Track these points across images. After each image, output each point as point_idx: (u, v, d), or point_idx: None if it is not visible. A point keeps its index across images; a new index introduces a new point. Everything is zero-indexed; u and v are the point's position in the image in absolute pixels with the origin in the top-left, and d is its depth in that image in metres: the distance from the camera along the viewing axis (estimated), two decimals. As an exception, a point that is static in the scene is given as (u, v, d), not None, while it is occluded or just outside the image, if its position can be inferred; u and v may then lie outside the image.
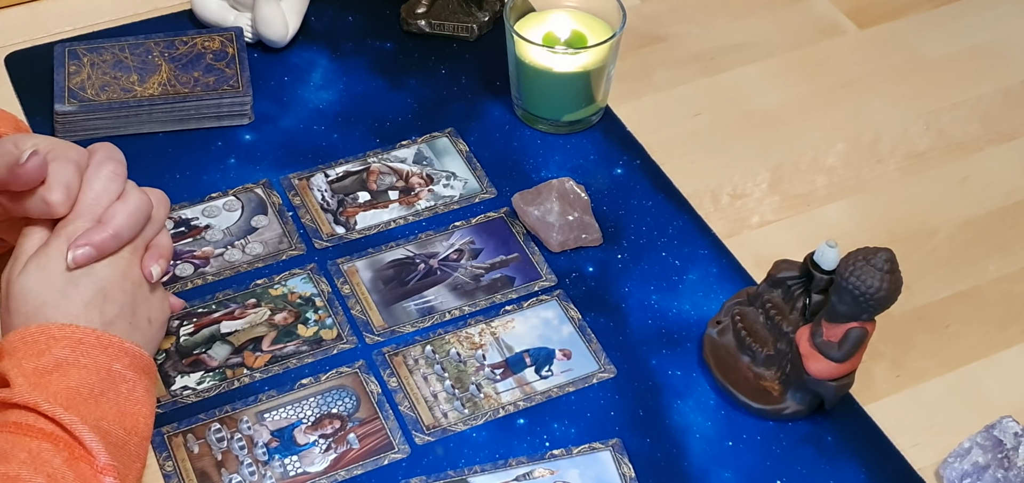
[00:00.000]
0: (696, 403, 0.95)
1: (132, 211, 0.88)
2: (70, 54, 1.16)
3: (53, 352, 0.82)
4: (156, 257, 0.90)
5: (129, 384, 0.84)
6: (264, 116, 1.16)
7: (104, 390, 0.83)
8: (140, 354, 0.86)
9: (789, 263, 0.97)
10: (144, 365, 0.86)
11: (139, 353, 0.86)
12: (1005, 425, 0.91)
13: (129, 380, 0.85)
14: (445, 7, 1.25)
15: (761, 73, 1.24)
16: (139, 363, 0.86)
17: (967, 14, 1.31)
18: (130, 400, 0.84)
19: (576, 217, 1.05)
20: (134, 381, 0.85)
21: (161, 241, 0.91)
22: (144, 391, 0.86)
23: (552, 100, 1.14)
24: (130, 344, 0.86)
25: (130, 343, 0.86)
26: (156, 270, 0.89)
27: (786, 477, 0.91)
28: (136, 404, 0.85)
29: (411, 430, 0.92)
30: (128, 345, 0.85)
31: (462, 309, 1.00)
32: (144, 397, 0.85)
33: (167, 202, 0.93)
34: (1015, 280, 1.06)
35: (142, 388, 0.85)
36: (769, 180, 1.13)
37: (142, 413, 0.85)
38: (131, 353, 0.85)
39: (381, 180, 1.10)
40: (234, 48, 1.18)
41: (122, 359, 0.85)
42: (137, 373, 0.85)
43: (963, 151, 1.17)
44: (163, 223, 0.92)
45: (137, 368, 0.86)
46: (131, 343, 0.86)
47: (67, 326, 0.83)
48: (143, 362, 0.86)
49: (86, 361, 0.83)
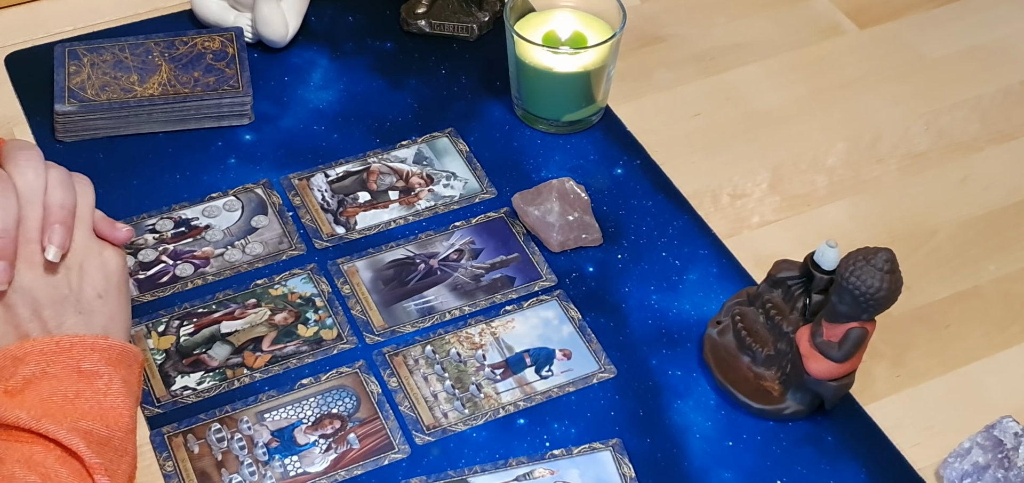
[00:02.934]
0: (696, 403, 0.95)
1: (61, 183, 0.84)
2: (70, 54, 1.16)
3: (20, 372, 0.80)
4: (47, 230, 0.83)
5: (104, 379, 0.82)
6: (264, 116, 1.16)
7: (79, 391, 0.80)
8: (107, 346, 0.83)
9: (789, 263, 0.97)
10: (116, 355, 0.83)
11: (105, 344, 0.83)
12: (1005, 425, 0.91)
13: (103, 375, 0.82)
14: (445, 7, 1.25)
15: (761, 73, 1.23)
16: (109, 355, 0.82)
17: (967, 14, 1.31)
18: (108, 395, 0.81)
19: (576, 217, 1.05)
20: (109, 375, 0.82)
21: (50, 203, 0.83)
22: (121, 383, 0.82)
23: (552, 100, 1.14)
24: (93, 339, 0.82)
25: (94, 338, 0.82)
26: (51, 251, 0.82)
27: (786, 477, 0.91)
28: (115, 398, 0.82)
29: (411, 430, 0.92)
30: (91, 340, 0.82)
31: (462, 309, 1.00)
32: (122, 389, 0.82)
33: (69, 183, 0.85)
34: (1015, 280, 1.06)
35: (119, 380, 0.82)
36: (769, 180, 1.13)
37: (123, 406, 0.82)
38: (97, 347, 0.82)
39: (381, 180, 1.10)
40: (234, 48, 1.18)
41: (89, 356, 0.82)
42: (111, 366, 0.82)
43: (963, 151, 1.17)
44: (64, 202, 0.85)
45: (109, 361, 0.82)
46: (95, 337, 0.82)
47: (25, 343, 0.81)
48: (113, 352, 0.83)
49: (53, 370, 0.80)
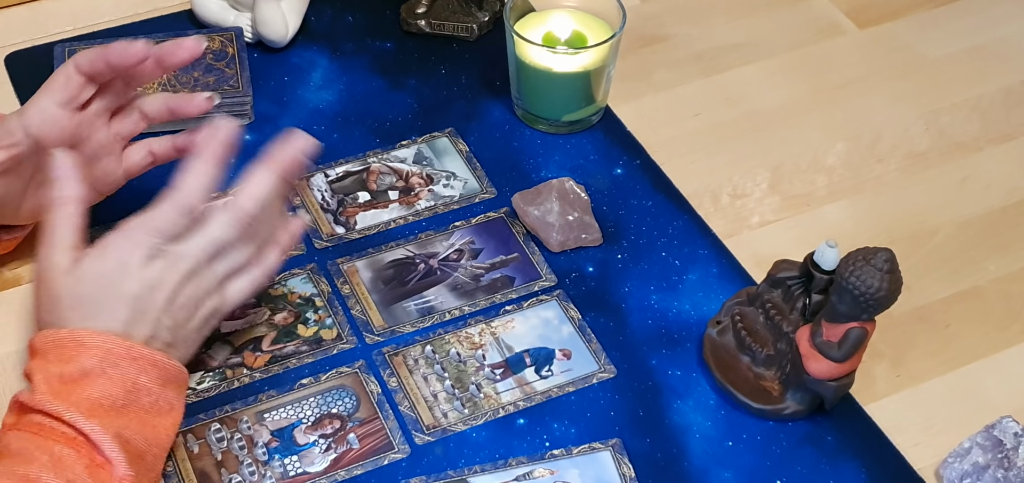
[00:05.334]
0: (696, 403, 0.95)
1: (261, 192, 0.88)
2: (70, 54, 1.16)
3: (80, 361, 0.80)
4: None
5: (153, 397, 0.83)
6: (264, 116, 1.16)
7: (128, 403, 0.81)
8: (169, 366, 0.84)
9: (789, 263, 0.97)
10: (171, 375, 0.84)
11: (169, 365, 0.84)
12: (1005, 425, 0.91)
13: (154, 393, 0.83)
14: (445, 7, 1.25)
15: (761, 73, 1.24)
16: (167, 375, 0.84)
17: (967, 14, 1.31)
18: (153, 412, 0.82)
19: (576, 217, 1.05)
20: (159, 394, 0.83)
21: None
22: (168, 404, 0.84)
23: (552, 100, 1.14)
24: (160, 356, 0.83)
25: (160, 355, 0.83)
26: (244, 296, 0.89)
27: (786, 477, 0.91)
28: (159, 415, 0.83)
29: (411, 430, 0.92)
30: (158, 357, 0.83)
31: (462, 309, 1.00)
32: (168, 409, 0.84)
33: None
34: (1015, 280, 1.06)
35: (166, 400, 0.84)
36: (769, 180, 1.13)
37: (164, 424, 0.83)
38: (160, 366, 0.83)
39: (381, 180, 1.10)
40: (234, 48, 1.18)
41: (149, 372, 0.82)
42: (163, 386, 0.83)
43: (963, 151, 1.17)
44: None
45: (164, 380, 0.84)
46: (161, 355, 0.83)
47: (98, 334, 0.81)
48: (171, 373, 0.84)
49: (112, 372, 0.81)
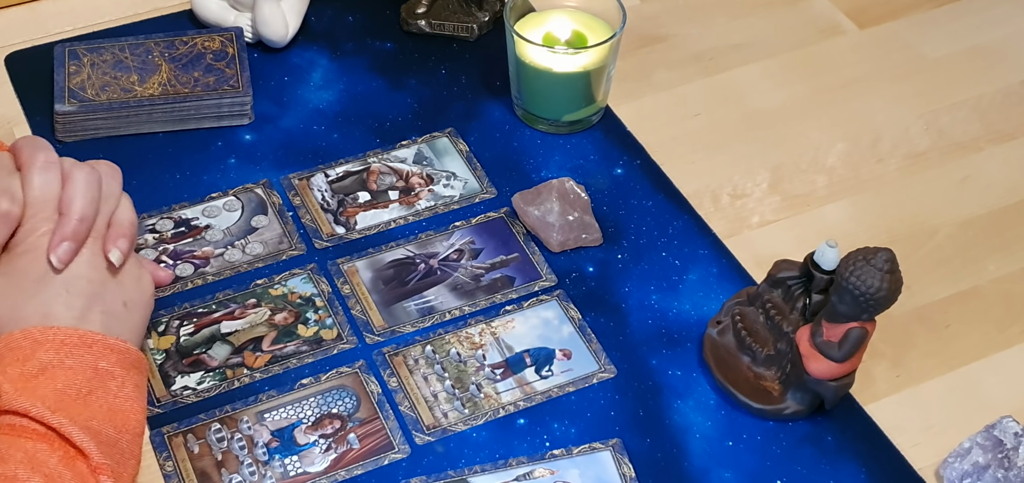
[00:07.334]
0: (696, 403, 0.95)
1: (84, 189, 0.86)
2: (70, 54, 1.16)
3: (37, 356, 0.82)
4: (115, 238, 0.87)
5: (118, 381, 0.84)
6: (264, 116, 1.16)
7: (92, 389, 0.82)
8: (126, 349, 0.85)
9: (789, 263, 0.97)
10: (131, 360, 0.86)
11: (124, 348, 0.85)
12: (1005, 425, 0.91)
13: (117, 377, 0.84)
14: (445, 7, 1.25)
15: (761, 73, 1.23)
16: (126, 359, 0.85)
17: (967, 14, 1.31)
18: (119, 397, 0.84)
19: (576, 217, 1.05)
20: (123, 378, 0.84)
21: (120, 219, 0.88)
22: (134, 387, 0.85)
23: (552, 100, 1.14)
24: (114, 340, 0.85)
25: (114, 339, 0.85)
26: (116, 255, 0.87)
27: (786, 477, 0.91)
28: (126, 400, 0.84)
29: (411, 430, 0.92)
30: (112, 341, 0.85)
31: (462, 309, 1.00)
32: (134, 393, 0.85)
33: (117, 172, 0.89)
34: (1015, 280, 1.06)
35: (131, 384, 0.85)
36: (769, 180, 1.13)
37: (133, 410, 0.84)
38: (116, 349, 0.85)
39: (381, 180, 1.10)
40: (234, 48, 1.18)
41: (108, 357, 0.84)
42: (125, 370, 0.85)
43: (963, 151, 1.17)
44: (118, 196, 0.89)
45: (124, 364, 0.85)
46: (115, 339, 0.85)
47: (49, 329, 0.83)
48: (130, 357, 0.85)
49: (71, 362, 0.82)
